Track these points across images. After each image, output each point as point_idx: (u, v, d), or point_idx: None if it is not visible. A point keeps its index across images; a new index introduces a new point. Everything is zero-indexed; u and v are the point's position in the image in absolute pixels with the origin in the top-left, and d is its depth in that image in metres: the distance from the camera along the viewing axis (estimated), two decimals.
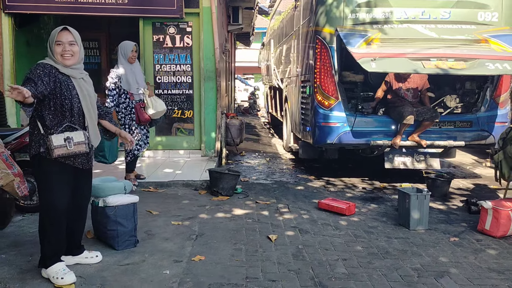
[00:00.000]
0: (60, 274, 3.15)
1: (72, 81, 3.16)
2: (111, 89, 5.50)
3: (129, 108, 5.61)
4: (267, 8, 20.95)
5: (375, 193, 6.11)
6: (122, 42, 5.71)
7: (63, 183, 3.18)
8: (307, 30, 7.00)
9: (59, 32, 3.12)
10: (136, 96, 5.61)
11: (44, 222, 3.21)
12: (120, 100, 5.58)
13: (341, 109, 6.25)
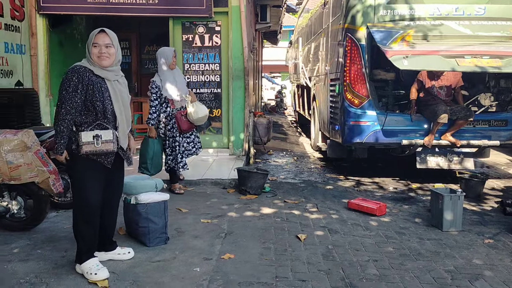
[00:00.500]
0: (93, 269, 3.21)
1: (105, 83, 3.21)
2: (152, 99, 5.28)
3: (169, 118, 5.37)
4: (295, 6, 20.88)
5: (407, 194, 6.00)
6: (161, 49, 5.50)
7: (95, 180, 3.23)
8: (336, 28, 6.93)
9: (97, 34, 3.19)
10: (177, 103, 5.38)
11: (78, 219, 3.27)
12: (161, 109, 5.36)
13: (372, 107, 6.16)
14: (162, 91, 5.29)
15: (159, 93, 5.29)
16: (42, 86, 7.54)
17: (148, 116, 5.30)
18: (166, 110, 5.37)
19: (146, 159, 5.31)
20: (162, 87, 5.30)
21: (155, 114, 5.30)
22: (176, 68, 5.49)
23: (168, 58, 5.34)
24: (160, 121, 5.37)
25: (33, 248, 3.75)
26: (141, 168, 5.36)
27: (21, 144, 3.84)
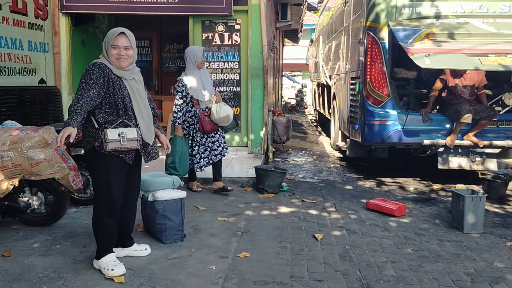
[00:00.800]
0: (110, 265, 3.24)
1: (123, 82, 3.25)
2: (178, 98, 5.24)
3: (194, 118, 5.33)
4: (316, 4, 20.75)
5: (427, 194, 5.90)
6: (190, 47, 5.45)
7: (118, 176, 3.26)
8: (357, 26, 6.85)
9: (116, 36, 3.21)
10: (202, 104, 5.31)
11: (100, 214, 3.29)
12: (187, 109, 5.32)
13: (392, 106, 6.07)
14: (188, 90, 5.23)
15: (185, 92, 5.23)
16: (64, 84, 7.66)
17: (174, 115, 5.26)
18: (191, 110, 5.32)
19: (174, 159, 5.26)
20: (189, 86, 5.23)
21: (180, 113, 5.26)
22: (204, 67, 5.40)
23: (197, 57, 5.25)
24: (185, 120, 5.33)
25: (52, 243, 3.81)
26: (168, 168, 5.30)
27: (42, 140, 3.91)
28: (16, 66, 6.65)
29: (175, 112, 5.24)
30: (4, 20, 6.37)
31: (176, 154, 5.24)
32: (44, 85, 7.33)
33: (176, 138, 5.27)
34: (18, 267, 3.33)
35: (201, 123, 5.27)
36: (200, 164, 5.44)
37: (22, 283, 3.09)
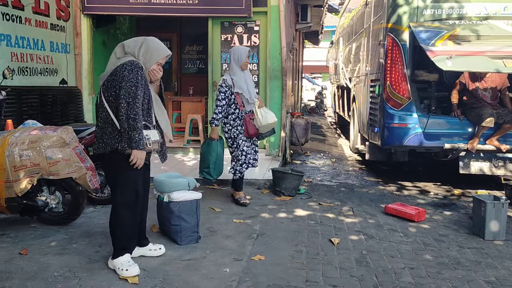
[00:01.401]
0: (125, 265, 3.25)
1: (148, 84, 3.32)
2: (220, 99, 4.94)
3: (238, 120, 5.03)
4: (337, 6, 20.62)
5: (448, 199, 5.77)
6: (235, 47, 5.21)
7: (139, 176, 3.32)
8: (378, 27, 6.76)
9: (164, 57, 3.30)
10: (247, 106, 5.06)
11: (122, 214, 3.29)
12: (229, 110, 5.02)
13: (413, 109, 5.97)
14: (234, 88, 4.97)
15: (228, 93, 4.96)
16: (85, 85, 7.76)
17: (213, 116, 4.97)
18: (235, 112, 5.02)
19: (209, 163, 5.03)
20: (235, 86, 4.98)
21: (221, 115, 4.96)
22: (247, 69, 5.14)
23: (241, 57, 5.01)
24: (227, 122, 5.07)
25: (69, 242, 3.84)
26: (203, 172, 5.10)
27: (60, 140, 3.95)
28: (38, 66, 6.76)
29: (215, 113, 4.94)
30: (27, 21, 6.49)
31: (211, 158, 5.02)
32: (65, 85, 7.43)
33: (212, 142, 5.05)
34: (34, 266, 3.36)
35: (246, 126, 5.02)
36: (242, 169, 5.10)
37: (38, 281, 3.11)
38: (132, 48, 3.23)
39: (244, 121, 5.04)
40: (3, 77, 5.07)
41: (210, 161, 5.03)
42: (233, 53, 5.06)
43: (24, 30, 6.42)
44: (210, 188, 5.82)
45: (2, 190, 3.87)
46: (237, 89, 4.96)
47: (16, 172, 3.84)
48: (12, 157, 3.82)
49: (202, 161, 5.13)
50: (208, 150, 5.05)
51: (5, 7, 6.05)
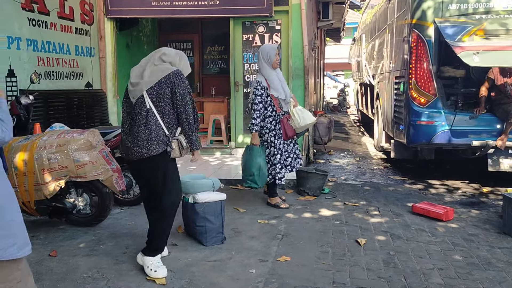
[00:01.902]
0: (154, 266, 3.28)
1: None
2: (257, 102, 4.73)
3: (274, 123, 4.86)
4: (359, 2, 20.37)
5: (476, 198, 5.64)
6: (263, 46, 5.02)
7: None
8: (401, 23, 6.65)
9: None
10: (284, 107, 4.92)
11: (170, 213, 3.39)
12: (265, 113, 4.83)
13: (439, 106, 5.85)
14: (271, 91, 4.80)
15: (264, 95, 4.77)
16: (109, 87, 7.86)
17: (252, 121, 4.75)
18: (272, 115, 4.85)
19: (253, 170, 4.77)
20: (270, 87, 4.81)
21: (259, 119, 4.76)
22: (278, 67, 4.98)
23: (270, 56, 4.83)
24: (263, 126, 4.87)
25: (96, 244, 3.90)
26: (247, 181, 4.84)
27: (87, 143, 4.01)
28: (63, 70, 6.88)
29: (253, 118, 4.73)
30: (52, 26, 6.61)
31: (255, 165, 4.75)
32: (90, 88, 7.55)
33: (254, 148, 4.81)
34: (63, 267, 3.43)
35: (284, 128, 4.88)
36: (282, 174, 4.94)
37: (67, 283, 3.17)
38: (173, 58, 3.35)
39: (281, 123, 4.88)
40: (30, 81, 5.19)
41: (253, 168, 4.75)
42: (261, 53, 4.90)
43: (50, 35, 6.55)
44: (234, 188, 5.83)
45: (32, 193, 3.95)
46: (273, 91, 4.81)
47: (44, 175, 3.91)
48: (41, 160, 3.90)
49: (244, 169, 4.88)
50: (251, 157, 4.79)
51: (31, 13, 6.17)
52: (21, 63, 5.98)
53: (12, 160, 3.90)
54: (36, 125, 5.11)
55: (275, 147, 4.90)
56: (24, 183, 3.93)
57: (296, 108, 5.01)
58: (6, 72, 5.73)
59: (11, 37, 5.81)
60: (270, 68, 4.87)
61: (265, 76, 4.85)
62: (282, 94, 4.86)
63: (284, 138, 4.91)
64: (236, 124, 7.85)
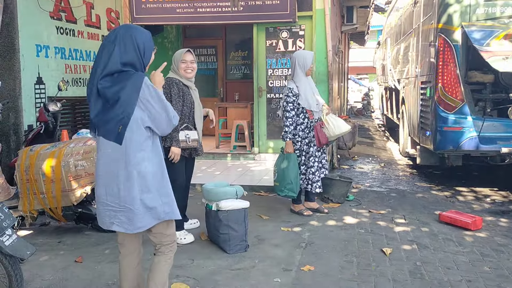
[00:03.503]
0: (182, 236, 4.08)
1: (190, 91, 4.09)
2: (289, 110, 4.70)
3: (307, 130, 4.80)
4: (383, 5, 20.16)
5: (506, 206, 5.48)
6: (300, 52, 4.99)
7: (182, 165, 4.08)
8: (428, 28, 6.54)
9: (184, 53, 4.06)
10: (315, 114, 4.85)
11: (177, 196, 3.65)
12: (297, 120, 4.78)
13: (467, 112, 5.72)
14: (299, 100, 4.75)
15: (296, 102, 4.74)
16: None
17: (285, 129, 4.72)
18: (304, 122, 4.79)
19: (291, 179, 4.70)
20: (300, 96, 4.75)
21: (292, 127, 4.72)
22: (310, 75, 4.94)
23: (307, 63, 4.78)
24: (295, 134, 4.81)
25: None
26: (283, 190, 4.76)
27: None
28: None
29: (286, 126, 4.71)
30: (79, 34, 6.75)
31: (292, 173, 4.70)
32: None
33: (290, 156, 4.73)
34: (89, 274, 3.47)
35: (318, 135, 4.81)
36: (320, 183, 4.89)
37: None
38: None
39: (315, 130, 4.82)
40: (58, 89, 5.30)
41: (292, 177, 4.69)
42: (297, 58, 4.82)
43: (77, 43, 6.69)
44: (258, 195, 5.82)
45: (59, 200, 4.02)
46: (303, 103, 4.74)
47: (71, 182, 3.98)
48: (68, 167, 3.97)
49: (281, 178, 4.77)
50: (288, 166, 4.70)
51: (59, 21, 6.32)
52: (49, 71, 6.13)
53: (40, 167, 3.99)
54: (63, 131, 5.21)
55: (311, 155, 4.84)
56: (52, 189, 4.01)
57: (329, 116, 4.95)
58: (35, 79, 5.87)
59: (39, 45, 5.96)
60: (304, 75, 4.82)
61: (297, 83, 4.79)
62: (314, 104, 4.79)
63: (318, 145, 4.85)
64: (260, 130, 7.85)
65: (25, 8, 5.69)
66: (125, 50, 2.37)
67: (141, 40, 2.43)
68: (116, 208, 2.41)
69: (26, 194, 4.09)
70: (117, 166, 2.36)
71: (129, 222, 2.41)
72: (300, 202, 5.06)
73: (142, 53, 2.44)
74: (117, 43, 2.37)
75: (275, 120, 7.76)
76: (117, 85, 2.33)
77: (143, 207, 2.39)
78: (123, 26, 2.51)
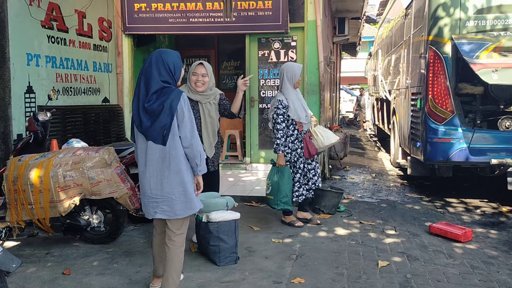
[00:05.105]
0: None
1: (198, 105, 4.09)
2: (279, 122, 4.72)
3: (297, 142, 4.83)
4: (375, 17, 20.35)
5: (496, 218, 5.51)
6: (289, 64, 4.96)
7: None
8: (418, 40, 6.60)
9: (196, 65, 4.05)
10: (305, 126, 4.88)
11: None
12: (288, 132, 4.80)
13: (457, 124, 5.76)
14: (289, 112, 4.77)
15: (286, 114, 4.76)
16: (126, 103, 7.93)
17: (277, 141, 4.73)
18: (293, 134, 4.82)
19: (286, 192, 4.74)
20: (289, 107, 4.78)
21: (283, 139, 4.74)
22: (298, 87, 4.98)
23: (295, 75, 4.82)
24: (285, 145, 4.80)
25: (110, 262, 3.89)
26: (279, 204, 4.78)
27: (102, 161, 4.03)
28: (81, 86, 6.98)
29: (277, 138, 4.72)
30: (71, 43, 6.72)
31: (287, 187, 4.73)
32: (107, 103, 7.63)
33: (285, 169, 4.76)
34: (77, 286, 3.43)
35: (307, 147, 4.84)
36: (299, 193, 4.92)
37: None
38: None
39: (304, 141, 4.85)
40: (48, 98, 5.26)
41: (286, 190, 4.73)
42: (286, 70, 4.84)
43: (68, 52, 6.65)
44: (249, 205, 5.80)
45: (47, 210, 3.98)
46: (293, 115, 4.77)
47: (60, 193, 3.94)
48: (56, 178, 3.93)
49: (276, 192, 4.78)
50: (283, 179, 4.73)
51: (50, 30, 6.29)
52: (40, 80, 6.08)
53: (28, 177, 3.94)
54: (53, 141, 5.16)
55: (298, 167, 4.88)
56: (40, 200, 3.96)
57: (318, 127, 4.99)
58: (25, 88, 5.83)
59: (30, 54, 5.92)
60: (292, 87, 4.84)
61: (286, 95, 4.81)
62: (303, 116, 4.81)
63: (306, 156, 4.87)
64: (251, 140, 7.85)
65: (16, 16, 5.66)
66: (159, 72, 2.93)
67: (171, 61, 2.97)
68: (159, 199, 2.98)
69: (14, 204, 4.03)
70: (162, 164, 2.94)
71: (170, 210, 2.98)
72: (291, 213, 5.04)
73: (173, 72, 2.98)
74: (154, 67, 2.93)
75: (267, 130, 7.77)
76: (161, 99, 2.90)
77: (183, 196, 2.97)
78: (155, 52, 3.03)
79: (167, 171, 2.94)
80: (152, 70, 2.94)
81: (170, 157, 2.93)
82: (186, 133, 2.93)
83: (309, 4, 7.36)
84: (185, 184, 2.96)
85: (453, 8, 5.75)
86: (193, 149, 2.96)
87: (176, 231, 3.06)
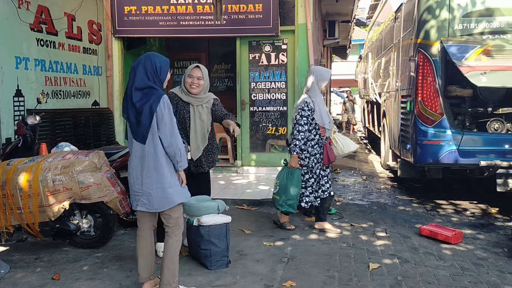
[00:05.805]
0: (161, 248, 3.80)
1: (189, 107, 4.05)
2: (302, 124, 4.60)
3: (317, 147, 4.71)
4: (365, 20, 20.49)
5: (485, 219, 5.55)
6: (319, 68, 4.90)
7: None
8: (408, 43, 6.65)
9: (193, 68, 4.04)
10: (327, 132, 4.75)
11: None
12: (309, 136, 4.70)
13: (446, 126, 5.80)
14: (314, 115, 4.65)
15: (310, 117, 4.64)
16: (116, 106, 7.89)
17: (295, 142, 4.62)
18: (315, 138, 4.70)
19: (293, 195, 4.67)
20: (315, 111, 4.65)
21: (303, 141, 4.64)
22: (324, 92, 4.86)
23: (324, 79, 4.74)
24: (304, 150, 4.71)
25: (100, 267, 3.86)
26: (284, 205, 4.72)
27: (92, 165, 4.00)
28: (71, 89, 6.94)
29: (297, 139, 4.60)
30: (60, 46, 6.68)
31: (296, 190, 4.66)
32: (97, 107, 7.59)
33: (295, 172, 4.68)
34: None
35: (327, 154, 4.72)
36: (309, 199, 4.81)
37: None
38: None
39: (324, 147, 4.73)
40: (37, 102, 5.22)
41: (294, 193, 4.66)
42: (315, 74, 4.74)
43: (57, 55, 6.61)
44: (240, 208, 5.79)
45: (36, 215, 3.94)
46: (318, 119, 4.64)
47: (49, 197, 3.90)
48: (46, 182, 3.90)
49: (283, 193, 4.72)
50: (293, 182, 4.65)
51: (39, 33, 6.25)
52: (29, 83, 6.04)
53: (17, 181, 3.90)
54: (42, 145, 5.13)
55: (314, 173, 4.78)
56: (29, 204, 3.92)
57: (337, 134, 4.95)
58: (14, 92, 5.78)
59: (19, 57, 5.88)
60: (320, 91, 4.74)
61: (313, 98, 4.69)
62: (327, 120, 4.72)
63: (325, 163, 4.78)
64: (243, 143, 7.85)
65: (5, 19, 5.61)
66: (146, 71, 3.11)
67: (158, 63, 3.14)
68: (139, 193, 3.15)
69: (2, 209, 3.99)
70: (142, 161, 3.11)
71: (149, 203, 3.15)
72: (288, 214, 4.99)
73: (159, 72, 3.13)
74: (141, 66, 3.12)
75: (258, 133, 7.78)
76: (143, 100, 3.08)
77: (160, 192, 3.11)
78: (146, 54, 3.23)
79: (146, 167, 3.12)
80: (139, 68, 3.13)
81: (149, 154, 3.10)
82: (166, 133, 3.09)
83: (300, 7, 7.39)
84: (163, 180, 3.12)
85: (442, 11, 5.80)
86: (174, 147, 3.11)
87: (168, 223, 3.23)
